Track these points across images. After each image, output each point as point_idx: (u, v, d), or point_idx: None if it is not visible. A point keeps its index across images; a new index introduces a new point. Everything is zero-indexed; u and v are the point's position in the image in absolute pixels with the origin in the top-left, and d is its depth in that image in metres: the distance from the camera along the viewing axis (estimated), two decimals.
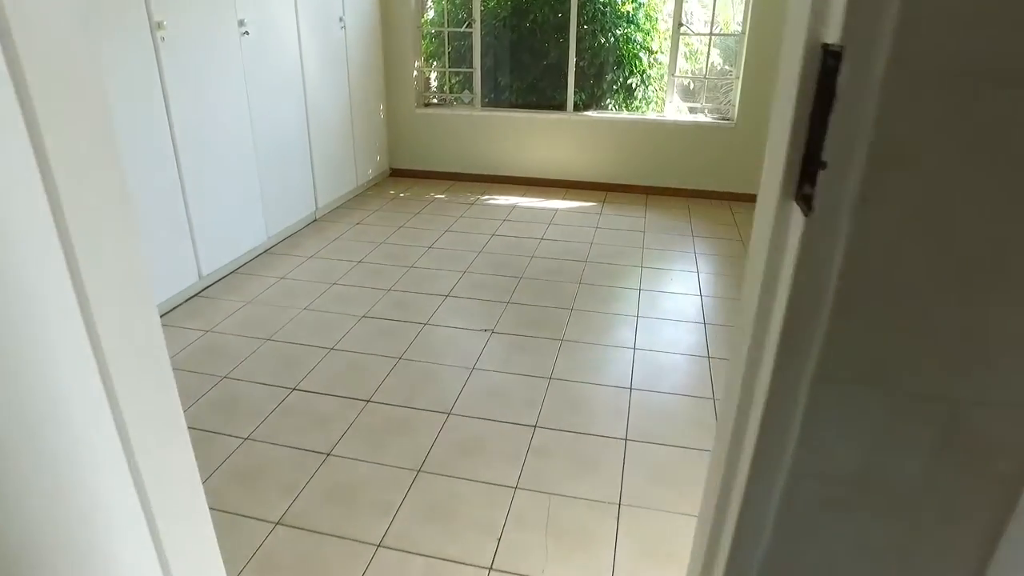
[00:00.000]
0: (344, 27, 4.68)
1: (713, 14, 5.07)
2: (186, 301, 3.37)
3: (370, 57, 5.16)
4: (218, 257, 3.57)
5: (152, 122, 3.01)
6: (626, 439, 2.35)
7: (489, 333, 3.08)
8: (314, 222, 4.59)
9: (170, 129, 3.12)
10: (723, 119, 5.15)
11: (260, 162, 3.86)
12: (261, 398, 2.57)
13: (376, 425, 2.42)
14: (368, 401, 2.57)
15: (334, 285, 3.58)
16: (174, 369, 0.85)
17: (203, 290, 3.49)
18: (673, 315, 3.30)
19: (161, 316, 3.20)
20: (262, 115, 3.82)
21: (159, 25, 2.97)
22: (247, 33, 3.59)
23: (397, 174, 5.79)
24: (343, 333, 3.07)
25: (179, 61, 3.12)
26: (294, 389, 2.64)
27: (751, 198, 5.39)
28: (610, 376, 2.76)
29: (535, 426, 2.42)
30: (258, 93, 3.76)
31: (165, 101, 3.07)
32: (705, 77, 5.19)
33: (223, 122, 3.50)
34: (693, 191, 5.26)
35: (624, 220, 4.69)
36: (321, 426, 2.41)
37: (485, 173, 5.59)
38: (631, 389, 2.66)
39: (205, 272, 3.48)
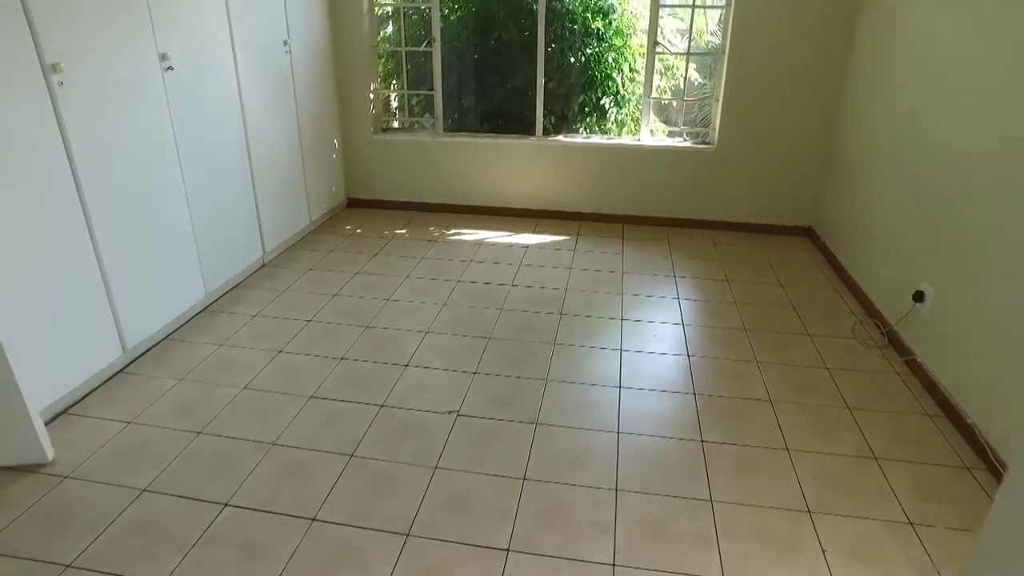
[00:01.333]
0: (289, 51, 4.26)
1: (691, 31, 4.74)
2: (107, 380, 2.94)
3: (321, 81, 4.74)
4: (145, 326, 3.15)
5: (51, 183, 2.58)
6: (614, 564, 2.01)
7: (454, 416, 2.72)
8: (262, 268, 4.17)
9: (76, 188, 2.68)
10: (702, 143, 4.84)
11: (194, 211, 3.43)
12: (185, 521, 2.18)
13: (323, 556, 2.04)
14: (313, 520, 2.18)
15: (280, 353, 3.18)
16: (81, 480, 0.47)
17: (128, 365, 3.07)
18: (660, 382, 2.97)
19: (78, 401, 2.79)
20: (194, 158, 3.40)
21: (55, 67, 2.53)
22: (171, 69, 3.16)
23: (355, 205, 5.37)
24: (287, 422, 2.67)
25: (83, 108, 2.68)
26: (226, 505, 2.25)
27: (733, 226, 5.13)
28: (592, 474, 2.41)
29: (507, 550, 2.06)
30: (188, 134, 3.33)
31: (68, 156, 2.64)
32: (683, 99, 4.87)
33: (144, 172, 3.07)
34: (672, 219, 4.94)
35: (600, 258, 4.35)
36: (257, 560, 2.02)
37: (449, 203, 5.20)
38: (617, 490, 2.31)
39: (131, 344, 3.05)
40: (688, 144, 4.83)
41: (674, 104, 4.98)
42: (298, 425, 2.65)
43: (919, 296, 3.06)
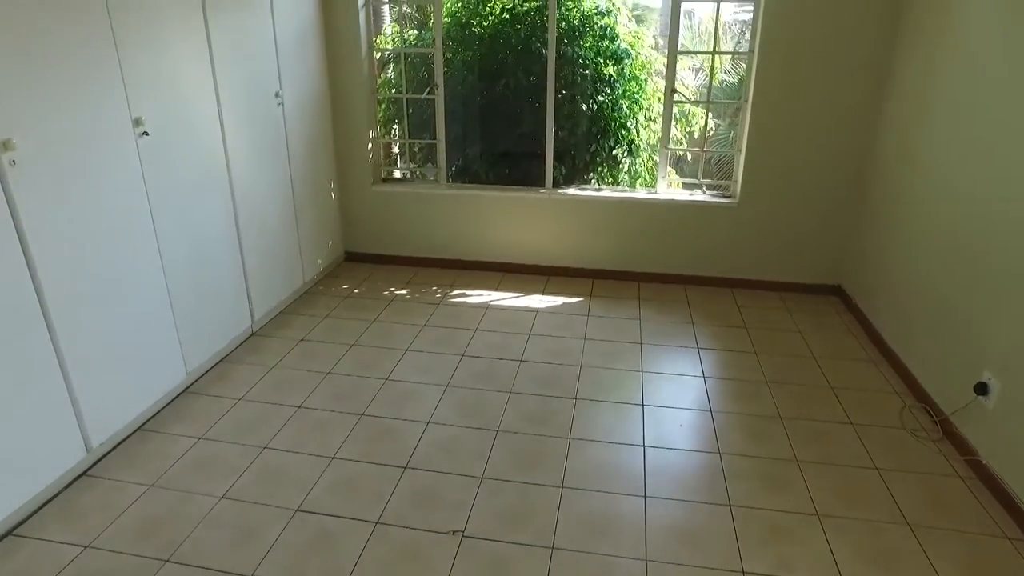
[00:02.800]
0: (282, 103, 3.98)
1: (710, 82, 4.45)
2: (68, 487, 2.61)
3: (317, 131, 4.46)
4: (114, 419, 2.83)
5: (2, 272, 2.27)
6: None
7: (459, 537, 2.37)
8: (251, 337, 3.85)
9: (31, 278, 2.37)
10: (724, 196, 4.53)
11: (173, 286, 3.12)
12: None
13: None
14: None
15: (264, 450, 2.85)
16: None
17: (93, 466, 2.74)
18: (688, 488, 2.62)
19: (30, 517, 2.45)
20: (172, 229, 3.09)
21: (5, 144, 2.24)
22: (145, 134, 2.87)
23: (353, 259, 5.07)
24: (267, 545, 2.33)
25: (40, 188, 2.38)
26: None
27: (756, 284, 4.79)
28: None
29: None
30: (165, 203, 3.03)
31: (21, 244, 2.33)
32: (703, 150, 4.56)
33: (113, 251, 2.77)
34: (691, 277, 4.62)
35: (616, 326, 4.02)
36: None
37: (453, 258, 4.90)
38: None
39: (96, 443, 2.72)
40: (708, 198, 4.52)
41: (689, 156, 4.70)
42: (281, 550, 2.31)
43: (982, 388, 2.72)
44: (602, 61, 4.84)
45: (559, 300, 4.38)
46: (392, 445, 2.88)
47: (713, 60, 4.58)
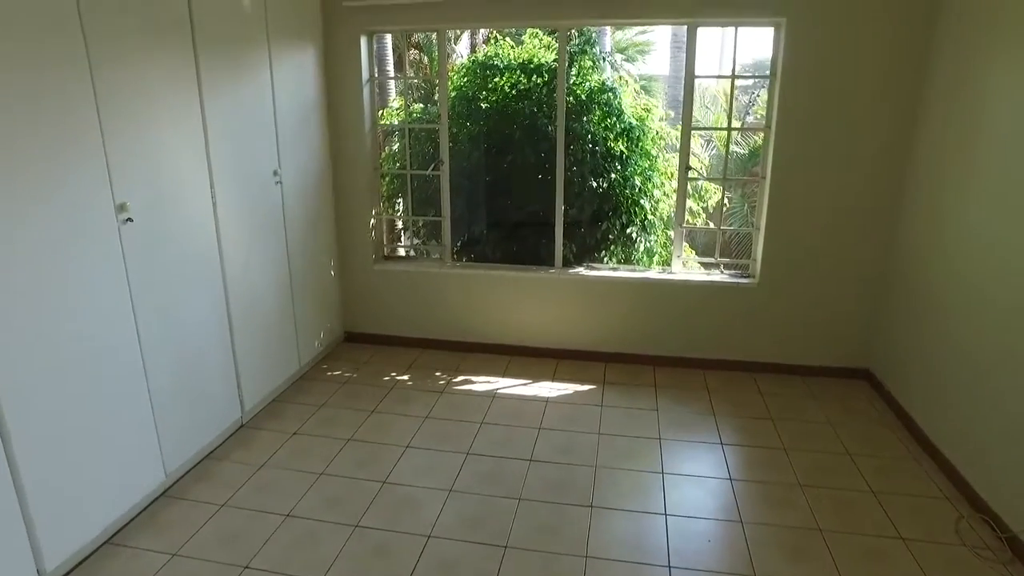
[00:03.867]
0: (280, 181, 3.82)
1: (726, 158, 4.28)
2: None
3: (317, 209, 4.29)
4: (75, 535, 2.53)
5: None
6: None
7: None
8: (240, 430, 3.57)
9: None
10: (743, 276, 4.31)
11: (154, 381, 2.87)
12: None
13: None
14: None
15: (245, 570, 2.54)
16: None
17: None
18: None
19: None
20: (155, 320, 2.87)
21: None
22: (130, 220, 2.68)
23: (353, 339, 4.83)
24: None
25: (3, 285, 2.17)
26: None
27: (778, 368, 4.40)
28: None
29: None
30: (149, 293, 2.81)
31: None
32: (720, 228, 4.37)
33: (85, 348, 2.53)
34: (709, 361, 4.35)
35: (632, 418, 3.73)
36: None
37: (458, 340, 4.65)
38: None
39: (51, 565, 2.42)
40: (726, 278, 4.30)
41: (704, 225, 4.52)
42: None
43: None
44: (612, 137, 4.71)
45: (570, 387, 4.10)
46: (388, 564, 2.56)
47: (728, 136, 4.44)
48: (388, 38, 6.82)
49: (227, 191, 3.32)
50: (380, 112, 4.74)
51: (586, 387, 4.11)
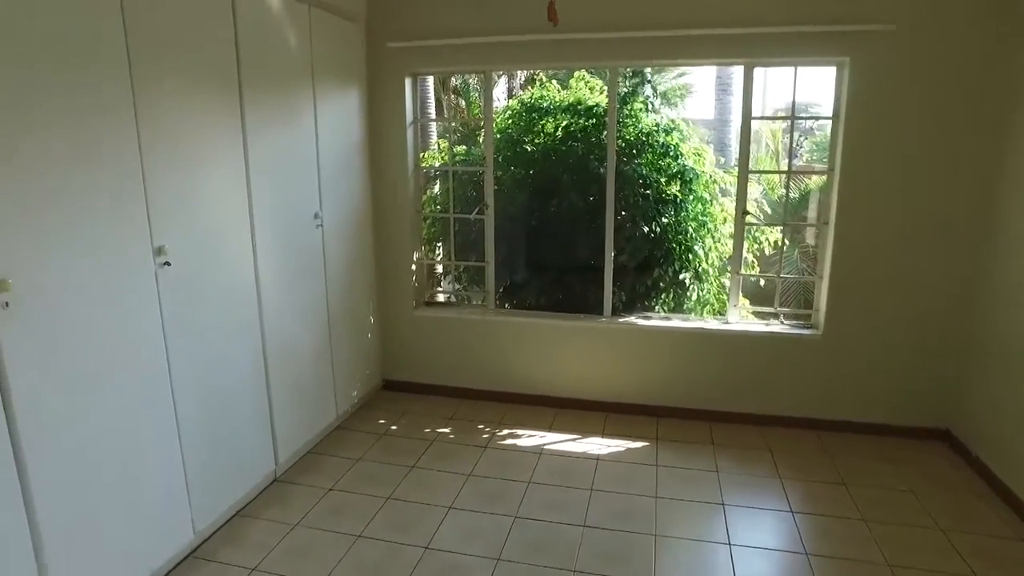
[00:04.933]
0: (321, 224, 3.70)
1: (787, 201, 4.08)
2: None
3: (357, 253, 4.17)
4: None
5: None
6: None
7: None
8: (273, 484, 3.38)
9: (12, 443, 1.98)
10: (804, 327, 4.04)
11: (186, 433, 2.71)
12: None
13: None
14: None
15: None
16: None
17: None
18: None
19: None
20: (189, 368, 2.71)
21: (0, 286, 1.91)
22: (167, 264, 2.55)
23: (392, 387, 4.64)
24: None
25: (33, 334, 2.04)
26: None
27: (846, 426, 3.58)
28: None
29: None
30: (184, 340, 2.67)
31: (2, 397, 1.96)
32: (779, 276, 4.13)
33: (115, 399, 2.38)
34: (770, 417, 4.05)
35: (691, 480, 3.45)
36: None
37: (501, 390, 4.43)
38: None
39: None
40: (787, 329, 4.03)
41: (762, 280, 4.29)
42: None
43: None
44: (664, 181, 4.53)
45: (622, 444, 3.84)
46: None
47: (788, 179, 4.22)
48: (430, 80, 6.82)
49: (267, 234, 3.21)
50: (421, 155, 4.63)
51: (639, 444, 3.84)
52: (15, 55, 1.95)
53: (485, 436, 3.94)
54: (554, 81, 5.34)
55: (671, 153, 4.59)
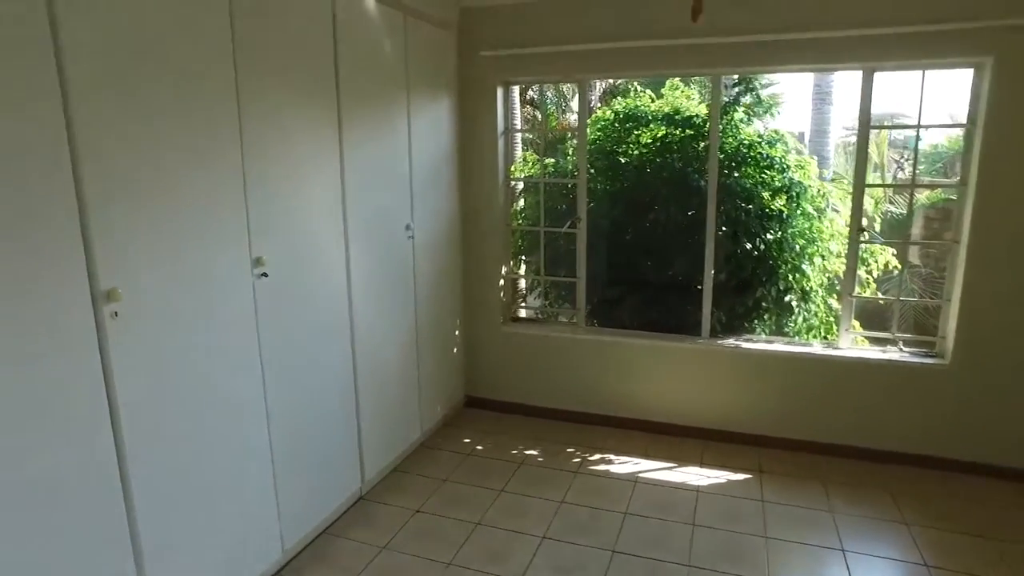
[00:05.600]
0: (412, 236, 3.61)
1: (911, 214, 3.74)
2: None
3: (446, 266, 4.07)
4: None
5: (83, 442, 1.84)
6: None
7: None
8: (359, 502, 3.29)
9: (116, 446, 1.94)
10: (928, 355, 3.68)
11: (278, 444, 2.64)
12: None
13: None
14: None
15: None
16: None
17: None
18: None
19: None
20: (283, 380, 2.65)
21: (109, 295, 1.87)
22: (264, 275, 2.49)
23: (475, 404, 4.51)
24: None
25: (139, 342, 1.99)
26: None
27: (980, 469, 3.04)
28: None
29: None
30: (278, 353, 2.61)
31: (110, 410, 1.92)
32: (899, 299, 3.79)
33: (213, 409, 2.32)
34: (887, 454, 3.70)
35: (802, 518, 3.16)
36: None
37: (591, 412, 4.23)
38: None
39: None
40: (908, 357, 3.68)
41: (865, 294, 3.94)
42: None
43: None
44: (769, 195, 4.25)
45: (722, 475, 3.58)
46: None
47: (912, 193, 3.89)
48: (516, 91, 6.71)
49: (360, 246, 3.13)
50: (511, 167, 4.51)
51: (741, 476, 3.57)
52: (135, 71, 1.93)
53: (576, 461, 3.75)
54: (648, 90, 5.14)
55: (775, 165, 4.31)
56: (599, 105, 11.02)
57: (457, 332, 4.32)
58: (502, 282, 4.36)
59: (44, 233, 1.72)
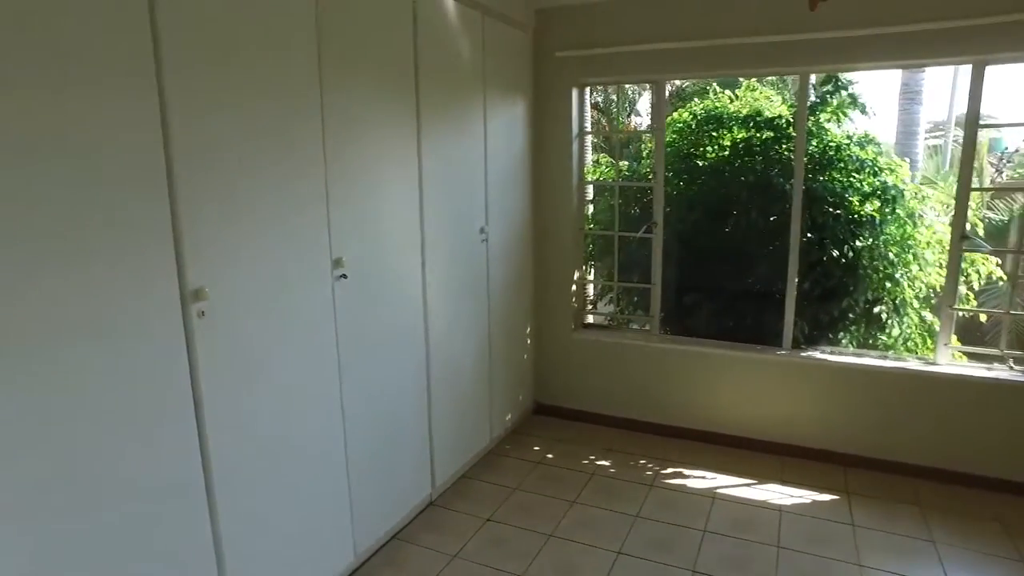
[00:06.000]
0: (487, 239, 3.56)
1: (1022, 215, 3.47)
2: None
3: (518, 270, 4.01)
4: None
5: (167, 443, 1.84)
6: None
7: None
8: (428, 508, 3.25)
9: (200, 442, 1.94)
10: None
11: (353, 447, 2.62)
12: None
13: None
14: None
15: None
16: None
17: None
18: None
19: None
20: (359, 381, 2.63)
21: (197, 294, 1.87)
22: (344, 276, 2.47)
23: (543, 412, 4.43)
24: None
25: (224, 342, 2.00)
26: None
27: None
28: None
29: None
30: (355, 354, 2.59)
31: (195, 408, 1.92)
32: (1008, 312, 3.51)
33: (291, 412, 2.31)
34: (993, 480, 3.42)
35: (901, 548, 2.94)
36: None
37: (663, 423, 4.09)
38: None
39: None
40: (1018, 376, 3.40)
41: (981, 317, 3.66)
42: None
43: None
44: (857, 201, 4.02)
45: (806, 495, 3.39)
46: None
47: None
48: (586, 93, 6.59)
49: (436, 248, 3.10)
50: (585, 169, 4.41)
51: (826, 497, 3.37)
52: (224, 66, 1.93)
53: (649, 473, 3.62)
54: (726, 91, 4.97)
55: (866, 168, 4.07)
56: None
57: (528, 339, 4.24)
58: (574, 287, 4.27)
59: (139, 229, 1.72)
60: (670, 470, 3.65)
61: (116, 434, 1.70)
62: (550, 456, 3.82)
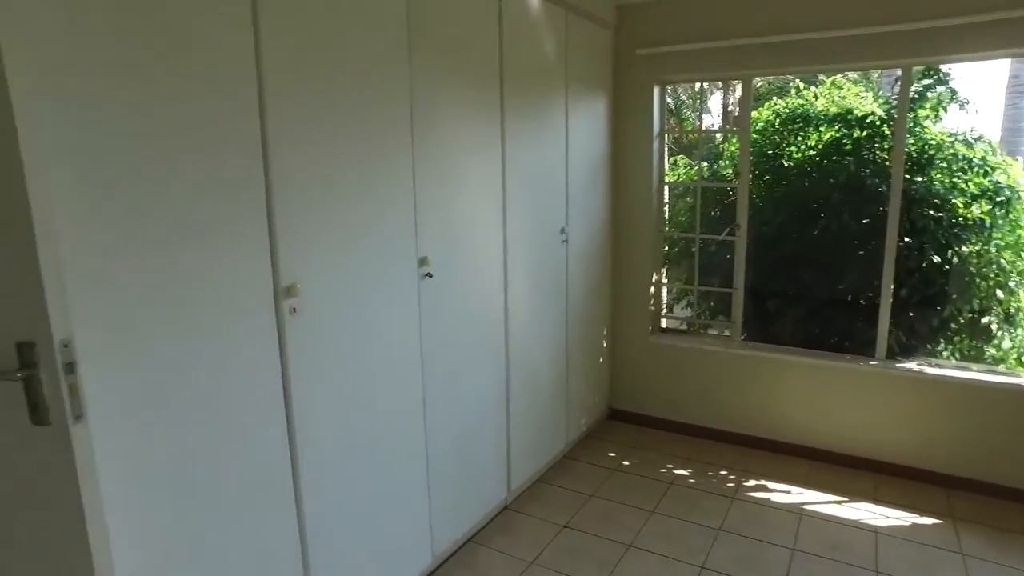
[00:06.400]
0: (567, 240, 3.50)
1: None
2: None
3: (597, 272, 3.93)
4: None
5: (256, 440, 1.85)
6: None
7: None
8: (503, 512, 3.20)
9: (289, 440, 1.94)
10: None
11: (433, 449, 2.60)
12: None
13: None
14: None
15: None
16: None
17: None
18: None
19: None
20: (442, 382, 2.61)
21: (289, 290, 1.87)
22: (429, 275, 2.45)
23: (617, 417, 4.32)
24: None
25: (313, 338, 2.00)
26: None
27: None
28: None
29: None
30: (438, 354, 2.57)
31: (285, 405, 1.92)
32: None
33: (373, 413, 2.30)
34: None
35: None
36: None
37: (744, 433, 3.92)
38: None
39: None
40: None
41: None
42: None
43: None
44: (962, 204, 3.76)
45: (904, 517, 3.18)
46: None
47: None
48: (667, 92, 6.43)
49: (518, 248, 3.05)
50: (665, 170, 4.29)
51: (927, 520, 3.15)
52: (319, 65, 1.93)
53: (730, 485, 3.47)
54: (812, 88, 4.75)
55: (975, 167, 3.80)
56: (732, 110, 10.47)
57: (604, 342, 4.15)
58: (652, 290, 4.15)
59: (238, 223, 1.73)
60: (752, 482, 3.50)
61: (218, 425, 1.72)
62: (626, 463, 3.72)
